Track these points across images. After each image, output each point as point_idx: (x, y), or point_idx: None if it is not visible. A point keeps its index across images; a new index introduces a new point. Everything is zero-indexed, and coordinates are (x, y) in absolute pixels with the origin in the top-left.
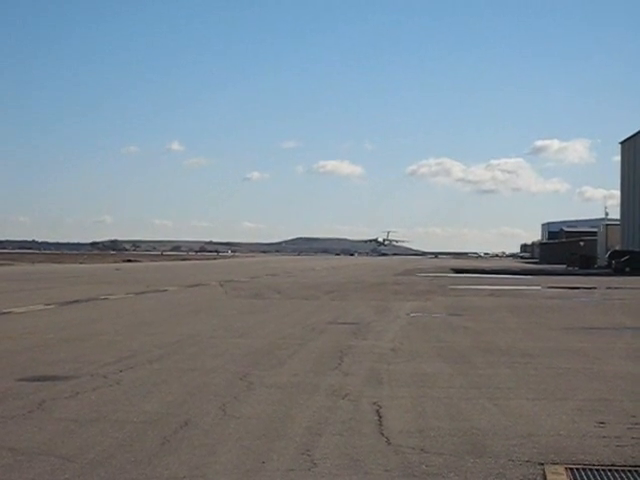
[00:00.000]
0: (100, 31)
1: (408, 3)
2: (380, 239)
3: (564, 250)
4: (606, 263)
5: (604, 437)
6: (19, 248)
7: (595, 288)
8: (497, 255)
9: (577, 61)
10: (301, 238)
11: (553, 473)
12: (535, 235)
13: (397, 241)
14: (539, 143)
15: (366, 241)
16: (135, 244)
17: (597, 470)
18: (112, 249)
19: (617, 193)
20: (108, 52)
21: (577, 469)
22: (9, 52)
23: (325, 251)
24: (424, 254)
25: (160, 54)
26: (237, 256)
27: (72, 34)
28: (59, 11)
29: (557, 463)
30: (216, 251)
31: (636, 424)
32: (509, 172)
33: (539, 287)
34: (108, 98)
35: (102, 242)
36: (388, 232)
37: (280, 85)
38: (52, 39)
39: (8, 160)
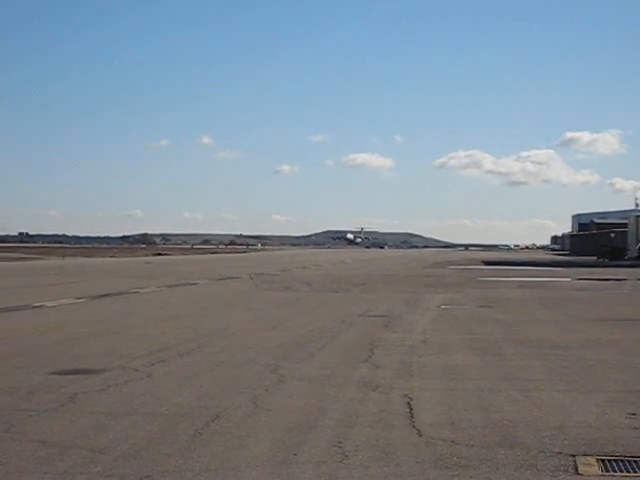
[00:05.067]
0: (130, 24)
1: None
2: (350, 236)
3: (594, 242)
4: (637, 254)
5: (635, 428)
6: (50, 242)
7: (626, 279)
8: (527, 247)
9: (608, 52)
10: (331, 231)
11: (585, 464)
12: (565, 227)
13: (371, 238)
14: (569, 134)
15: (334, 238)
16: (165, 237)
17: (628, 461)
18: (142, 243)
19: None
20: (139, 46)
21: (609, 460)
22: (40, 43)
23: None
24: (454, 246)
25: (191, 47)
26: (267, 249)
27: (103, 27)
28: (90, 2)
29: (588, 454)
30: (246, 244)
31: None
32: (539, 164)
33: (569, 279)
34: (139, 91)
35: (132, 236)
36: (362, 228)
37: (309, 78)
38: (84, 31)
39: (39, 155)
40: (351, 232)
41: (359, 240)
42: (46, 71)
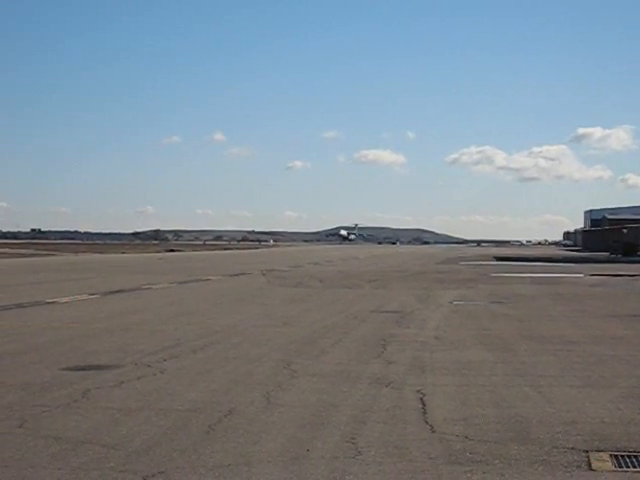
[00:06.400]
0: (144, 22)
1: None
2: (344, 232)
3: (607, 237)
4: None
5: None
6: (62, 238)
7: (638, 275)
8: (540, 243)
9: (621, 47)
10: (343, 227)
11: (598, 460)
12: (578, 223)
13: (365, 234)
14: (582, 130)
15: (327, 235)
16: (177, 234)
17: None
18: (154, 239)
19: None
20: (152, 43)
21: (622, 456)
22: (51, 41)
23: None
24: (466, 242)
25: (203, 44)
26: (279, 245)
27: (116, 24)
28: (100, 3)
29: (602, 450)
30: (258, 240)
31: None
32: (552, 159)
33: (582, 275)
34: (151, 88)
35: (144, 232)
36: (356, 225)
37: (322, 75)
38: (97, 29)
39: (51, 152)
40: (344, 228)
41: (353, 237)
42: (57, 68)
